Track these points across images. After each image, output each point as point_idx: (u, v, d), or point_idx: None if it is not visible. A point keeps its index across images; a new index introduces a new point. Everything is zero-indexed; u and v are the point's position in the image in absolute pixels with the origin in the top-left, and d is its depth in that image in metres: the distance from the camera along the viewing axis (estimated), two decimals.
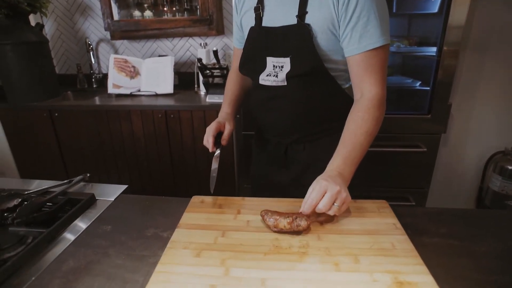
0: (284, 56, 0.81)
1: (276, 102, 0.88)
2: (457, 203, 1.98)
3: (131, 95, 2.05)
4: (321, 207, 0.64)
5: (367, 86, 0.76)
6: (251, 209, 0.74)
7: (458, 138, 1.82)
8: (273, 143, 0.98)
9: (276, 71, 0.84)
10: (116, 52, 2.33)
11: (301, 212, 0.65)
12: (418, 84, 1.76)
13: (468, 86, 1.74)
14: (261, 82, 0.88)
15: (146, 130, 1.87)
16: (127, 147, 1.93)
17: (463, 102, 1.75)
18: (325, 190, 0.64)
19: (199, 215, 0.72)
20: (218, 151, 0.88)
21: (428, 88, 1.68)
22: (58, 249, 0.65)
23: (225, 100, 1.02)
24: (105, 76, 2.07)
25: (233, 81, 1.04)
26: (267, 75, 0.86)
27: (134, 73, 2.09)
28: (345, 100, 0.85)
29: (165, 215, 0.76)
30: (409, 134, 1.71)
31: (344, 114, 0.79)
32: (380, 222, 0.69)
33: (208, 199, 0.79)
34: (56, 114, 1.90)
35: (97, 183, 0.94)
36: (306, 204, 0.65)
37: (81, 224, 0.74)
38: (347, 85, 0.87)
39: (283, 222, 0.63)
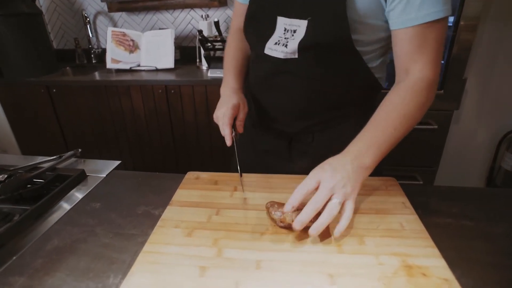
0: (301, 17, 0.64)
1: (283, 79, 0.71)
2: (467, 183, 1.92)
3: (130, 70, 1.98)
4: (312, 203, 0.50)
5: (417, 66, 0.60)
6: (249, 185, 0.69)
7: (471, 115, 1.73)
8: (274, 132, 0.81)
9: (287, 37, 0.66)
10: (114, 25, 2.24)
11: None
12: None
13: (485, 59, 1.63)
14: (266, 51, 0.70)
15: (147, 106, 1.82)
16: (127, 123, 1.88)
17: (479, 77, 1.65)
18: (318, 181, 0.51)
19: (193, 192, 0.68)
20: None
21: (442, 62, 1.58)
22: (43, 227, 0.61)
23: (228, 71, 0.81)
24: (105, 51, 2.00)
25: (235, 45, 0.84)
26: (275, 43, 0.68)
27: (133, 47, 2.01)
28: (370, 82, 0.71)
29: (158, 192, 0.72)
30: None
31: (367, 99, 0.67)
32: (388, 200, 0.63)
33: (204, 175, 0.74)
34: (54, 90, 1.85)
35: (89, 159, 0.90)
36: (293, 194, 0.51)
37: (69, 201, 0.70)
38: (375, 64, 0.70)
39: (291, 216, 0.53)
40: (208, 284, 0.45)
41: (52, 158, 0.84)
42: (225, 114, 0.69)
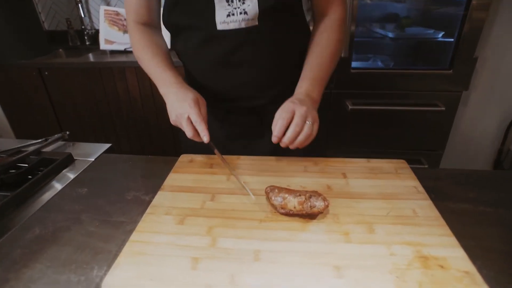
0: None
1: (244, 53, 0.67)
2: (473, 166, 1.86)
3: (125, 52, 1.90)
4: (293, 126, 0.57)
5: (333, 6, 0.70)
6: (246, 169, 0.64)
7: (481, 96, 1.65)
8: (242, 110, 0.77)
9: (238, 5, 0.62)
10: (107, 4, 2.14)
11: (315, 192, 0.51)
12: (440, 35, 1.57)
13: (498, 39, 1.54)
14: (220, 27, 0.64)
15: (142, 88, 1.75)
16: (123, 106, 1.82)
17: (491, 56, 1.56)
18: (293, 111, 0.59)
19: (186, 176, 0.63)
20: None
21: (452, 40, 1.50)
22: (24, 215, 0.57)
23: (158, 69, 0.68)
24: (98, 32, 1.91)
25: (145, 42, 0.72)
26: (228, 15, 0.63)
27: (127, 27, 1.92)
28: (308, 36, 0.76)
29: (149, 177, 0.67)
30: (426, 91, 1.56)
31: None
32: (398, 184, 0.58)
33: (198, 158, 0.69)
34: (47, 73, 1.78)
35: (78, 142, 0.84)
36: (277, 125, 0.58)
37: (54, 187, 0.65)
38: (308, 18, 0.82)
39: (293, 202, 0.50)
40: (201, 278, 0.41)
41: (37, 141, 0.78)
42: (190, 111, 0.60)
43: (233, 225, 0.49)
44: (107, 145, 0.81)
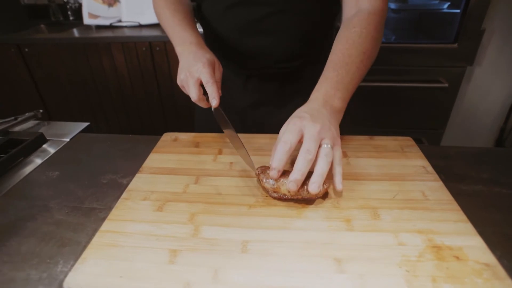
0: None
1: (273, 20, 0.63)
2: (474, 145, 1.81)
3: (111, 27, 1.79)
4: (303, 154, 0.42)
5: None
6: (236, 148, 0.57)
7: (486, 72, 1.58)
8: (263, 76, 0.72)
9: None
10: None
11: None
12: (445, 6, 1.47)
13: (507, 11, 1.45)
14: None
15: (130, 65, 1.66)
16: (110, 84, 1.73)
17: (499, 28, 1.48)
18: (300, 130, 0.43)
19: (169, 156, 0.56)
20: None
21: (458, 11, 1.40)
22: None
23: (178, 26, 0.63)
24: (82, 6, 1.80)
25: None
26: None
27: (112, 0, 1.80)
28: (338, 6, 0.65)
29: (129, 158, 0.60)
30: (429, 67, 1.49)
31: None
32: (405, 164, 0.52)
33: (183, 136, 0.62)
34: (27, 50, 1.67)
35: (54, 121, 0.77)
36: (275, 153, 0.43)
37: (21, 171, 0.58)
38: None
39: (287, 185, 0.43)
40: (179, 273, 0.35)
41: (5, 120, 0.71)
42: (203, 71, 0.54)
43: (218, 211, 0.43)
44: (85, 124, 0.73)
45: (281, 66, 0.69)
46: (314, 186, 0.41)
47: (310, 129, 0.43)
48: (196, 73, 0.54)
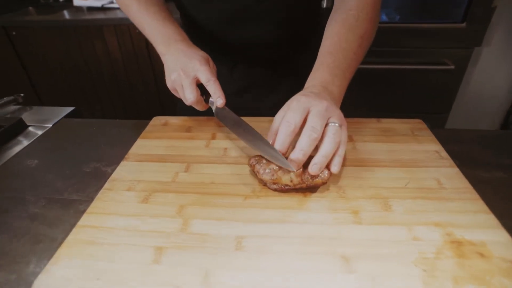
0: None
1: (258, 7, 0.57)
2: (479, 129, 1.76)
3: (103, 8, 1.71)
4: (307, 131, 0.37)
5: None
6: (231, 132, 0.53)
7: (494, 53, 1.51)
8: (244, 63, 0.67)
9: None
10: None
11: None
12: None
13: None
14: None
15: (124, 48, 1.59)
16: (104, 69, 1.67)
17: (509, 7, 1.40)
18: (306, 108, 0.38)
19: (157, 142, 0.51)
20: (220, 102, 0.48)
21: None
22: None
23: (157, 24, 0.55)
24: None
25: None
26: None
27: None
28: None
29: (115, 144, 0.55)
30: (434, 48, 1.42)
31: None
32: (417, 149, 0.47)
33: (174, 120, 0.57)
34: (14, 33, 1.60)
35: (37, 106, 0.72)
36: (279, 134, 0.38)
37: None
38: None
39: (288, 175, 0.38)
40: (164, 275, 0.31)
41: None
42: (200, 69, 0.48)
43: (210, 202, 0.39)
44: (69, 109, 0.68)
45: (268, 53, 0.65)
46: (315, 168, 0.37)
47: (316, 106, 0.38)
48: (192, 71, 0.48)
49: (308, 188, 0.40)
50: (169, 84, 0.52)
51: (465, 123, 1.75)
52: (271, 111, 0.45)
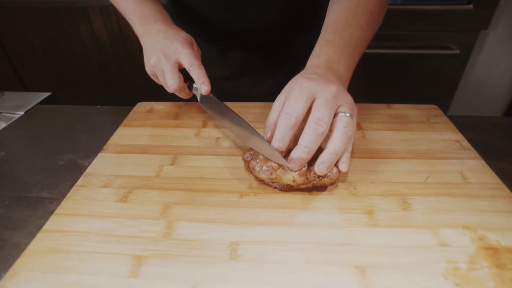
0: None
1: None
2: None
3: None
4: (312, 124, 0.31)
5: None
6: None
7: (501, 37, 1.45)
8: (237, 48, 0.61)
9: None
10: None
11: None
12: None
13: None
14: None
15: (111, 31, 1.51)
16: (91, 53, 1.58)
17: None
18: (310, 95, 0.32)
19: (140, 131, 0.45)
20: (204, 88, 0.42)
21: None
22: None
23: (137, 3, 0.49)
24: None
25: None
26: None
27: None
28: None
29: (95, 133, 0.49)
30: (438, 31, 1.36)
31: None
32: (434, 138, 0.42)
33: (160, 106, 0.51)
34: None
35: (8, 92, 0.65)
36: (280, 126, 0.32)
37: None
38: None
39: (291, 174, 0.32)
40: None
41: None
42: (183, 52, 0.42)
43: (200, 201, 0.33)
44: (45, 94, 0.62)
45: (265, 36, 0.59)
46: (323, 167, 0.31)
47: (324, 92, 0.32)
48: (173, 54, 0.43)
49: (316, 188, 0.34)
50: (148, 69, 0.46)
51: (467, 110, 1.70)
52: (268, 96, 0.39)
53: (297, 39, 0.61)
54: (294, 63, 0.54)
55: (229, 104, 0.40)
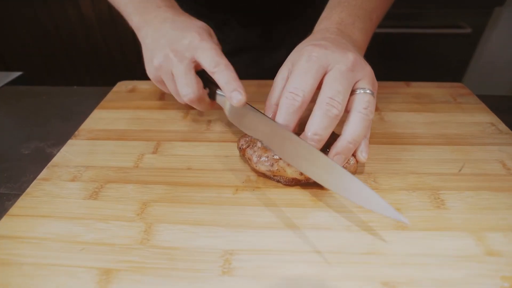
0: None
1: None
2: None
3: None
4: (323, 105, 0.24)
5: None
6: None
7: None
8: (247, 21, 0.53)
9: None
10: None
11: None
12: None
13: None
14: None
15: (98, 11, 1.42)
16: (79, 36, 1.50)
17: None
18: (321, 67, 0.26)
19: (119, 114, 0.39)
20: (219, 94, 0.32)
21: None
22: None
23: None
24: None
25: None
26: None
27: None
28: None
29: (68, 117, 0.42)
30: (448, 9, 1.27)
31: None
32: (464, 121, 0.36)
33: (144, 85, 0.45)
34: None
35: None
36: (283, 107, 0.25)
37: None
38: None
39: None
40: None
41: None
42: (205, 47, 0.30)
43: (185, 198, 0.27)
44: (15, 74, 0.55)
45: (266, 6, 0.51)
46: (339, 159, 0.25)
47: (338, 62, 0.25)
48: (187, 51, 0.31)
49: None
50: (151, 73, 0.34)
51: (477, 91, 1.63)
52: (272, 73, 0.32)
53: (302, 10, 0.54)
54: (303, 34, 0.46)
55: None
